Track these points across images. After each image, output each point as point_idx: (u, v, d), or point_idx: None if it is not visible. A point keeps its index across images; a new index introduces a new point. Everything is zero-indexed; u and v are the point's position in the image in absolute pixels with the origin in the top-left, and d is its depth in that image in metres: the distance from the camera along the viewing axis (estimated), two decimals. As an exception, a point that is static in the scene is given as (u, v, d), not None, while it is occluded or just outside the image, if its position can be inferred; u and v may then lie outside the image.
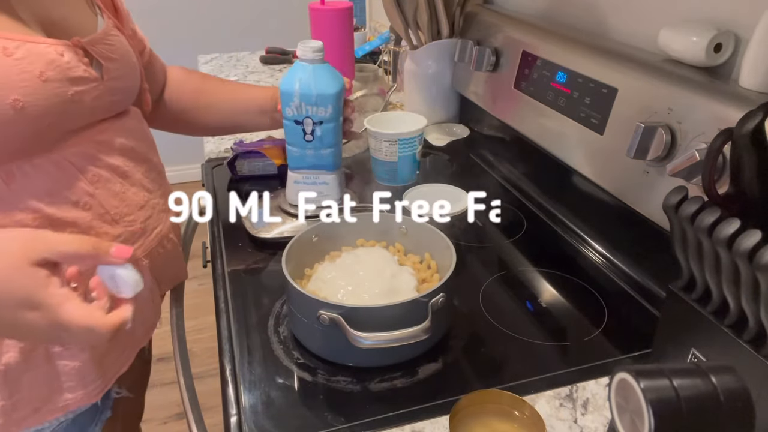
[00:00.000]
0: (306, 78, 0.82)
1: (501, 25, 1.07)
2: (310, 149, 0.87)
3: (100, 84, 0.66)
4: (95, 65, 0.67)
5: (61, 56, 0.61)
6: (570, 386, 0.62)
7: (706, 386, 0.45)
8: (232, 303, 0.77)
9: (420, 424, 0.58)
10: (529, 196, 1.03)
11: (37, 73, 0.58)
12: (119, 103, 0.72)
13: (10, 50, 0.57)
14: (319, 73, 0.83)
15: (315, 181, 0.90)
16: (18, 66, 0.57)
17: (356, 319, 0.60)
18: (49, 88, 0.60)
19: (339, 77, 0.85)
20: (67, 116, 0.63)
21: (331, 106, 0.83)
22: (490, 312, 0.74)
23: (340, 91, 0.84)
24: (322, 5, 1.22)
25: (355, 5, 1.32)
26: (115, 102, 0.71)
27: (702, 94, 0.65)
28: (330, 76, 0.83)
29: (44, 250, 0.50)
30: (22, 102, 0.57)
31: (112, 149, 0.70)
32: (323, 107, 0.83)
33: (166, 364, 0.88)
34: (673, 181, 0.64)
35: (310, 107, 0.83)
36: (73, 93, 0.63)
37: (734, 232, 0.45)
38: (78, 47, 0.64)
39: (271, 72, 1.79)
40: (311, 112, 0.84)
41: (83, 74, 0.64)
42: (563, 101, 0.87)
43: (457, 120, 1.32)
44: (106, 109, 0.69)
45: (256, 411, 0.60)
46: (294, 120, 0.85)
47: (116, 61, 0.69)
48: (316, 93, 0.82)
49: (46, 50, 0.60)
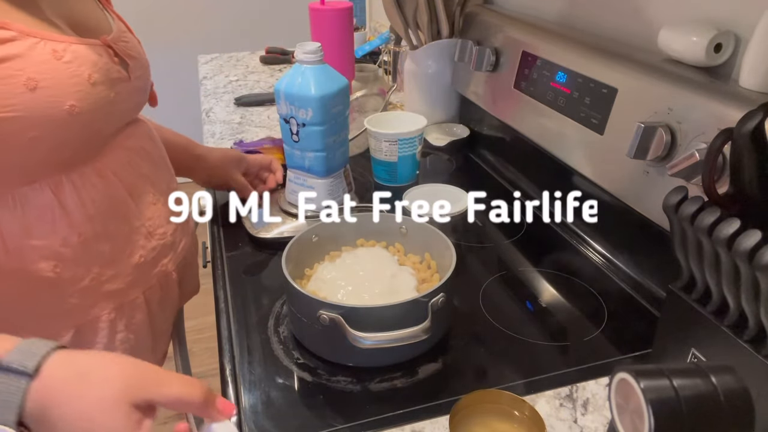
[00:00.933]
0: (294, 78, 0.82)
1: (501, 25, 1.07)
2: (297, 150, 0.87)
3: (129, 84, 0.65)
4: (122, 64, 0.65)
5: (101, 57, 0.60)
6: (570, 386, 0.62)
7: (706, 386, 0.45)
8: (232, 303, 0.77)
9: (420, 424, 0.58)
10: (529, 196, 1.03)
11: (86, 76, 0.57)
12: (141, 105, 0.71)
13: (59, 53, 0.55)
14: (309, 75, 0.82)
15: (304, 183, 0.90)
16: (68, 70, 0.56)
17: (356, 319, 0.60)
18: (98, 91, 0.59)
19: (332, 82, 0.83)
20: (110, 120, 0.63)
21: (312, 110, 0.82)
22: (490, 312, 0.74)
23: (327, 96, 0.82)
24: (322, 5, 1.22)
25: (355, 5, 1.32)
26: (139, 103, 0.70)
27: (702, 94, 0.65)
28: (319, 80, 0.82)
29: (150, 392, 0.45)
30: (78, 107, 0.56)
31: (141, 155, 0.69)
32: (304, 109, 0.82)
33: (166, 364, 0.88)
34: (673, 181, 0.64)
35: (293, 107, 0.83)
36: (115, 95, 0.62)
37: (734, 232, 0.45)
38: (107, 46, 0.63)
39: (271, 72, 1.79)
40: (294, 112, 0.83)
41: (118, 75, 0.63)
42: (563, 101, 0.87)
43: (457, 120, 1.32)
44: (133, 110, 0.69)
45: (256, 411, 0.60)
46: (283, 117, 0.86)
47: (136, 59, 0.68)
48: (298, 94, 0.82)
49: (88, 52, 0.59)
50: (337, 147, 0.88)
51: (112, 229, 0.64)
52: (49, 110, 0.54)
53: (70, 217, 0.60)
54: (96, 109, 0.58)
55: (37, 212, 0.58)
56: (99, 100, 0.59)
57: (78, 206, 0.61)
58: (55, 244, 0.60)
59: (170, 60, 2.64)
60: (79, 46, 0.58)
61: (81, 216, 0.61)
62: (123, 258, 0.66)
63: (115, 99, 0.62)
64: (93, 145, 0.62)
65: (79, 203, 0.61)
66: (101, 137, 0.63)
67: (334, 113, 0.85)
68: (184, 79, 2.61)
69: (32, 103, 0.53)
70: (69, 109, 0.55)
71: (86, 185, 0.61)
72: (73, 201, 0.60)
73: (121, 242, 0.65)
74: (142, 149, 0.70)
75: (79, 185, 0.61)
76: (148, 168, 0.70)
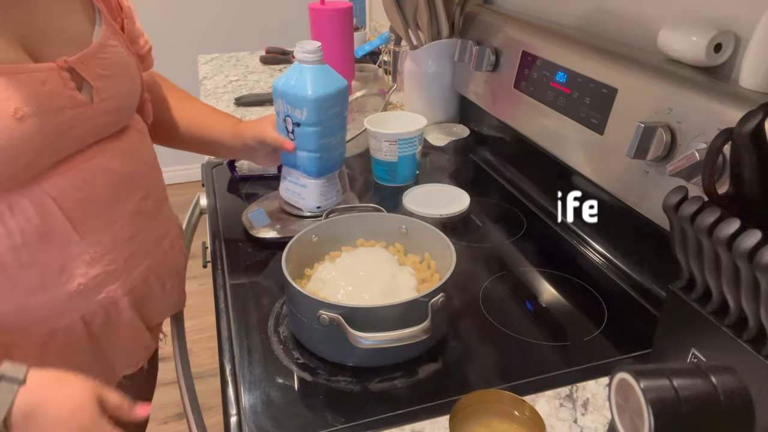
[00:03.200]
0: (291, 77, 0.82)
1: (501, 25, 1.07)
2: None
3: (89, 108, 0.60)
4: (84, 87, 0.60)
5: (43, 84, 0.55)
6: (570, 386, 0.62)
7: (706, 386, 0.45)
8: (232, 303, 0.77)
9: (420, 424, 0.58)
10: (529, 196, 1.03)
11: (11, 111, 0.52)
12: (113, 125, 0.65)
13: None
14: (306, 75, 0.81)
15: (297, 182, 0.89)
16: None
17: (356, 319, 0.60)
18: (26, 127, 0.53)
19: (330, 83, 0.82)
20: (48, 151, 0.57)
21: (307, 110, 0.81)
22: (490, 312, 0.74)
23: (324, 97, 0.81)
24: (322, 5, 1.22)
25: (355, 5, 1.32)
26: (107, 124, 0.64)
27: (702, 94, 0.65)
28: (317, 80, 0.81)
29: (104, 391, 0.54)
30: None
31: (102, 176, 0.63)
32: (299, 109, 0.81)
33: (166, 364, 0.88)
34: (673, 181, 0.64)
35: (289, 106, 0.82)
36: (57, 125, 0.56)
37: (734, 232, 0.45)
38: (64, 69, 0.58)
39: (271, 72, 1.79)
40: (290, 111, 0.82)
41: (68, 102, 0.58)
42: (563, 101, 0.87)
43: (457, 120, 1.32)
44: (97, 133, 0.63)
45: (256, 411, 0.60)
46: (279, 115, 0.85)
47: (109, 78, 0.63)
48: (293, 93, 0.81)
49: (25, 81, 0.54)
50: (333, 149, 0.87)
51: (43, 258, 0.59)
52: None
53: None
54: (22, 145, 0.53)
55: None
56: (27, 136, 0.53)
57: (2, 236, 0.56)
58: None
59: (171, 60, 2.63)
60: (12, 76, 0.53)
61: (4, 246, 0.56)
62: (55, 286, 0.61)
63: (62, 127, 0.57)
64: (23, 176, 0.56)
65: (4, 233, 0.56)
66: (36, 168, 0.57)
67: (331, 114, 0.83)
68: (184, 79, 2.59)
69: None
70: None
71: (15, 213, 0.56)
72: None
73: (53, 271, 0.60)
74: (104, 169, 0.63)
75: (5, 213, 0.56)
76: (110, 189, 0.64)
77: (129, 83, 0.68)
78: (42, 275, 0.60)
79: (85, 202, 0.61)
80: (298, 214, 0.91)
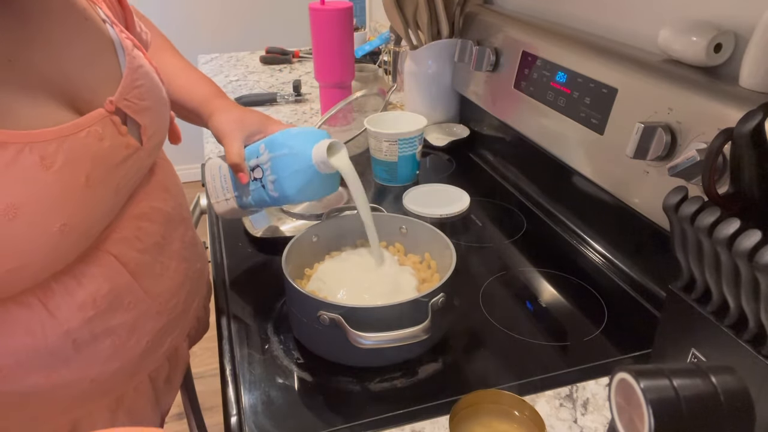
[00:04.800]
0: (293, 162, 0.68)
1: (501, 25, 1.07)
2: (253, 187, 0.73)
3: (141, 151, 0.54)
4: (130, 127, 0.53)
5: (102, 140, 0.48)
6: (570, 386, 0.62)
7: (706, 386, 0.45)
8: (232, 303, 0.77)
9: (420, 424, 0.58)
10: (529, 196, 1.03)
11: (82, 181, 0.45)
12: (153, 159, 0.59)
13: (48, 160, 0.42)
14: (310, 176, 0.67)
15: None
16: (60, 182, 0.44)
17: (356, 319, 0.60)
18: (96, 192, 0.47)
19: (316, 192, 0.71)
20: (113, 212, 0.52)
21: (278, 194, 0.69)
22: (490, 312, 0.74)
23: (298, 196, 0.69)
24: (322, 5, 1.22)
25: (355, 5, 1.32)
26: (151, 162, 0.58)
27: (702, 94, 0.65)
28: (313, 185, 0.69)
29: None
30: (69, 225, 0.45)
31: (151, 221, 0.57)
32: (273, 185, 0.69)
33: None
34: (673, 181, 0.64)
35: (269, 169, 0.69)
36: (119, 179, 0.50)
37: (734, 232, 0.45)
38: (112, 113, 0.50)
39: (271, 72, 1.79)
40: (265, 171, 0.69)
41: (126, 151, 0.51)
42: (563, 101, 0.87)
43: (457, 120, 1.32)
44: (143, 175, 0.57)
45: (256, 411, 0.60)
46: (253, 155, 0.72)
47: (150, 111, 0.55)
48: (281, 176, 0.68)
49: (86, 141, 0.46)
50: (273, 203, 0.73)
51: (114, 324, 0.54)
52: (32, 237, 0.43)
53: (62, 326, 0.50)
54: (94, 213, 0.48)
55: (23, 327, 0.48)
56: (97, 202, 0.48)
57: (72, 311, 0.50)
58: (44, 355, 0.50)
59: (170, 60, 2.63)
60: (74, 137, 0.45)
61: (77, 322, 0.51)
62: (126, 350, 0.57)
63: (123, 181, 0.51)
64: (92, 243, 0.51)
65: (76, 308, 0.50)
66: (103, 232, 0.52)
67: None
68: (184, 79, 2.60)
69: (9, 234, 0.41)
70: (60, 229, 0.44)
71: (84, 284, 0.50)
72: (66, 306, 0.50)
73: (125, 336, 0.55)
74: (152, 211, 0.57)
75: (74, 287, 0.50)
76: (159, 234, 0.58)
77: (163, 105, 0.60)
78: (114, 342, 0.55)
79: (143, 253, 0.56)
80: (298, 214, 0.91)
